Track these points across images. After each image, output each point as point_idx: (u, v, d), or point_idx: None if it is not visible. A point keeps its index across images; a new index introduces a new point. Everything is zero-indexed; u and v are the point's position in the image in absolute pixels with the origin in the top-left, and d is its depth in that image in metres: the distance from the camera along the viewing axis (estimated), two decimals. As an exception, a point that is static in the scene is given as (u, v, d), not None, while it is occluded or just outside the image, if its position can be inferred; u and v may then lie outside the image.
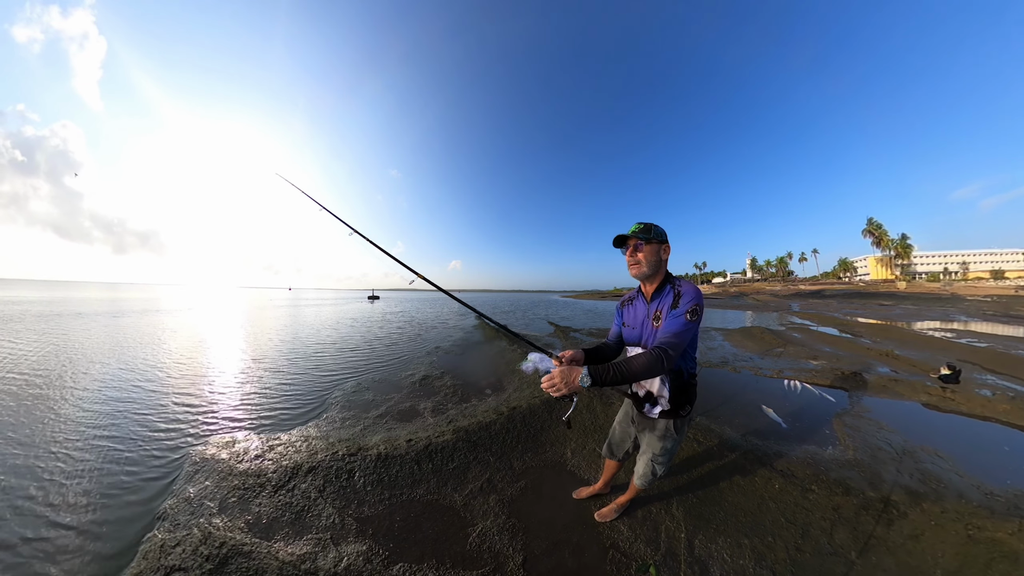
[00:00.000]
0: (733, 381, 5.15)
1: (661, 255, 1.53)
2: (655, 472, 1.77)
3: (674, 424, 1.64)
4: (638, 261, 1.52)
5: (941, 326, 11.89)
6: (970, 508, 2.11)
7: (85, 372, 5.20)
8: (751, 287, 71.33)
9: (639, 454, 1.84)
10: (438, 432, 3.04)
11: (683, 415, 1.63)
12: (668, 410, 1.61)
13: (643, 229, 1.50)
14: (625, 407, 1.97)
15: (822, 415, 3.77)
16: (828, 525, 2.02)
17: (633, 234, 1.52)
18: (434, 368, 5.78)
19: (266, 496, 2.26)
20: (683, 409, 1.61)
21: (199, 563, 1.68)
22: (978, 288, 45.58)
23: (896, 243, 71.56)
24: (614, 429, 2.02)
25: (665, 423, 1.65)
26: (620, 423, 1.98)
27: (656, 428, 1.68)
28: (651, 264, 1.52)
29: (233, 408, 3.91)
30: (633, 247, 1.54)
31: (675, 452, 1.76)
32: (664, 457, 1.72)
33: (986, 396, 4.25)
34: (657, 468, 1.75)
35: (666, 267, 1.57)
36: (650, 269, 1.52)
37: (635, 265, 1.54)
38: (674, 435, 1.66)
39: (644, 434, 1.77)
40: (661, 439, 1.68)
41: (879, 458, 2.79)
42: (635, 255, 1.53)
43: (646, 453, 1.77)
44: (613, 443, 2.01)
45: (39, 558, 1.80)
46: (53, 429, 3.24)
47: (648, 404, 1.66)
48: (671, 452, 1.72)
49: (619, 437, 1.98)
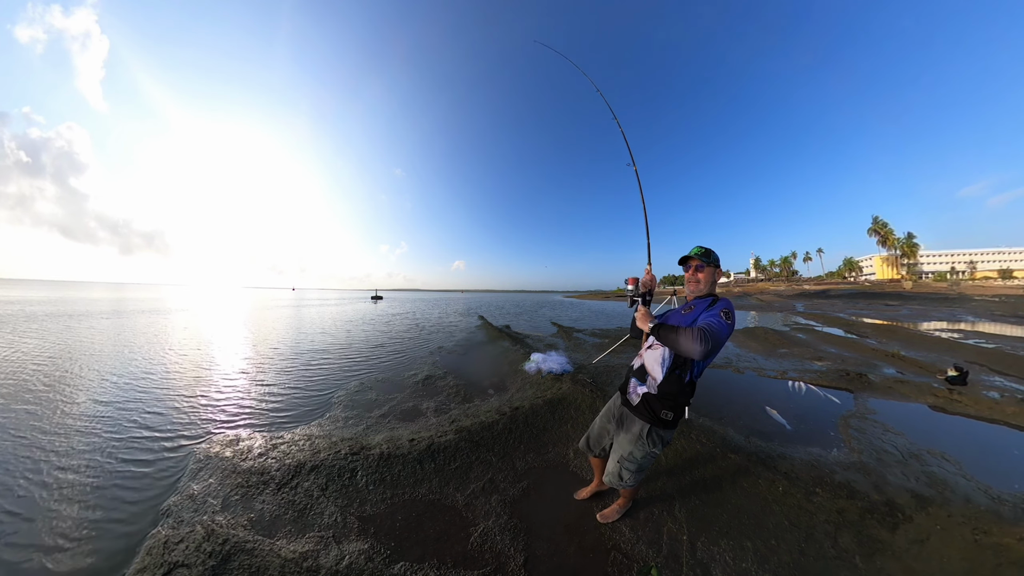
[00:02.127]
0: (737, 382, 5.12)
1: (716, 277, 1.71)
2: (622, 476, 1.77)
3: (648, 432, 1.66)
4: (698, 280, 1.71)
5: (948, 327, 11.76)
6: (977, 512, 2.09)
7: (90, 370, 5.26)
8: (755, 287, 70.90)
9: (611, 451, 1.86)
10: (440, 432, 3.04)
11: (662, 422, 1.64)
12: (651, 397, 1.65)
13: (704, 253, 1.69)
14: (610, 403, 2.00)
15: (827, 417, 3.74)
16: (832, 529, 2.00)
17: (696, 255, 1.70)
18: (437, 368, 5.79)
19: (269, 494, 2.28)
20: (664, 412, 1.62)
21: (202, 560, 1.69)
22: (986, 288, 45.01)
23: (902, 242, 70.79)
24: (594, 423, 2.05)
25: (641, 425, 1.68)
26: (601, 418, 2.01)
27: (632, 429, 1.72)
28: (708, 284, 1.70)
29: (237, 407, 3.94)
30: (695, 268, 1.71)
31: (646, 466, 1.77)
32: (632, 464, 1.73)
33: (994, 398, 4.20)
34: (624, 473, 1.76)
35: (715, 290, 1.74)
36: (706, 288, 1.71)
37: (694, 283, 1.72)
38: (645, 445, 1.68)
39: (619, 433, 1.81)
40: (633, 443, 1.71)
41: (884, 461, 2.77)
42: (696, 275, 1.71)
43: (617, 452, 1.79)
44: (591, 437, 2.04)
45: (44, 553, 1.83)
46: (58, 426, 3.29)
47: (636, 380, 1.73)
48: (641, 463, 1.73)
49: (597, 432, 2.01)
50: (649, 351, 1.73)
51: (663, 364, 1.62)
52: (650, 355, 1.70)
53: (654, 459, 1.77)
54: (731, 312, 1.54)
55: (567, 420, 3.39)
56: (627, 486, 1.81)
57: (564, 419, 3.41)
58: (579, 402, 3.71)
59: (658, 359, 1.65)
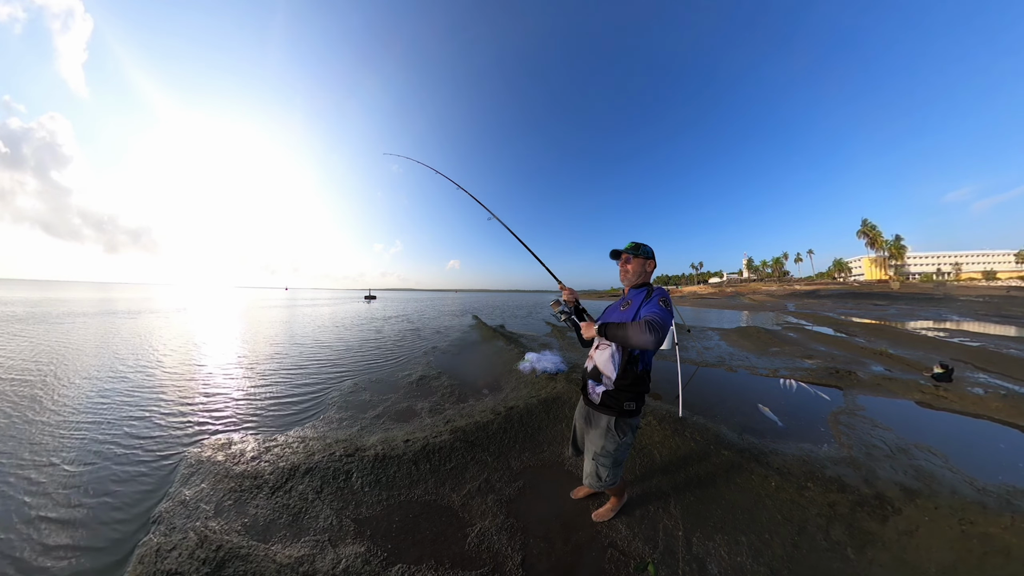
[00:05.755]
0: (730, 380, 5.18)
1: (646, 268, 1.81)
2: (599, 474, 1.78)
3: (615, 423, 1.69)
4: (627, 271, 1.83)
5: (934, 325, 12.03)
6: (963, 504, 2.14)
7: (75, 374, 5.12)
8: (747, 287, 71.76)
9: (585, 450, 1.88)
10: (435, 432, 3.03)
11: (627, 412, 1.68)
12: (611, 394, 1.68)
13: (634, 247, 1.81)
14: (580, 403, 2.00)
15: (817, 413, 3.81)
16: (824, 522, 2.04)
17: (626, 249, 1.83)
18: (431, 368, 5.77)
19: (263, 498, 2.24)
20: (627, 404, 1.67)
21: (196, 567, 1.66)
22: (971, 288, 46.13)
23: (890, 244, 72.30)
24: (575, 426, 2.05)
25: (607, 420, 1.71)
26: (576, 419, 2.02)
27: (599, 424, 1.75)
28: (636, 274, 1.82)
29: (228, 409, 3.88)
30: (624, 259, 1.84)
31: (621, 460, 1.78)
32: (607, 459, 1.75)
33: (978, 394, 4.31)
34: (601, 470, 1.77)
35: (648, 279, 1.84)
36: (635, 278, 1.82)
37: (623, 273, 1.86)
38: (616, 436, 1.70)
39: (589, 430, 1.82)
40: (602, 437, 1.73)
41: (874, 456, 2.82)
42: (625, 266, 1.84)
43: (590, 449, 1.81)
44: (577, 440, 2.04)
45: (32, 565, 1.78)
46: (42, 433, 3.20)
47: (593, 381, 1.76)
48: (614, 456, 1.74)
49: (579, 433, 2.01)
50: (598, 351, 1.77)
51: (614, 361, 1.67)
52: (599, 355, 1.74)
53: (628, 449, 1.78)
54: (668, 300, 1.63)
55: (562, 419, 3.40)
56: (608, 484, 1.81)
57: (559, 418, 3.42)
58: (573, 401, 3.72)
59: (608, 358, 1.69)
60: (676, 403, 3.63)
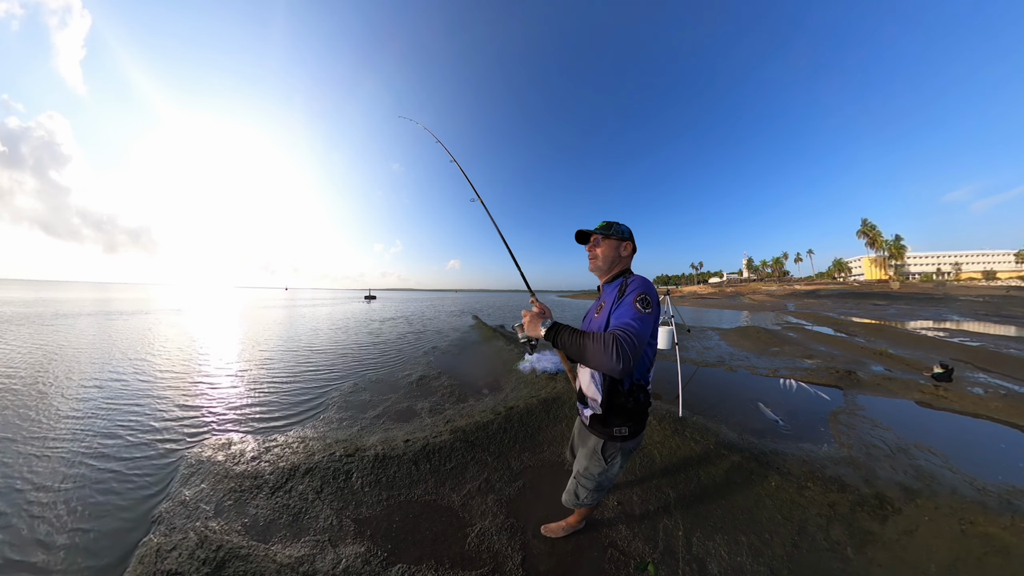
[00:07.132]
0: (730, 380, 5.18)
1: (620, 252, 1.47)
2: (578, 495, 1.62)
3: (603, 447, 1.46)
4: (595, 256, 1.49)
5: (934, 325, 12.03)
6: (963, 503, 2.13)
7: (74, 375, 5.13)
8: (747, 287, 71.77)
9: (574, 465, 1.72)
10: (435, 432, 3.03)
11: (616, 438, 1.43)
12: (599, 417, 1.44)
13: (604, 226, 1.48)
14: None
15: (817, 413, 3.81)
16: (824, 521, 2.04)
17: (596, 230, 1.50)
18: (431, 368, 5.77)
19: (263, 498, 2.25)
20: (617, 429, 1.41)
21: (196, 567, 1.66)
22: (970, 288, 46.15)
23: (890, 244, 72.38)
24: (573, 433, 1.92)
25: (595, 442, 1.48)
26: (574, 428, 1.89)
27: (587, 443, 1.54)
28: (607, 259, 1.47)
29: (228, 409, 3.88)
30: (593, 242, 1.51)
31: (604, 486, 1.58)
32: (588, 481, 1.56)
33: (978, 394, 4.31)
34: (580, 491, 1.61)
35: (625, 265, 1.50)
36: (605, 264, 1.48)
37: (592, 259, 1.52)
38: (601, 460, 1.48)
39: (579, 447, 1.65)
40: (588, 457, 1.53)
41: (874, 455, 2.82)
42: (594, 250, 1.50)
43: (576, 466, 1.65)
44: (574, 447, 1.89)
45: (32, 565, 1.78)
46: (41, 434, 3.20)
47: (581, 404, 1.56)
48: (598, 480, 1.54)
49: (574, 444, 1.87)
50: (581, 369, 1.53)
51: (595, 382, 1.42)
52: (582, 374, 1.51)
53: (613, 479, 1.57)
54: (649, 297, 1.24)
55: (562, 419, 3.40)
56: (583, 505, 1.66)
57: (558, 418, 3.42)
58: (573, 401, 3.70)
59: (588, 378, 1.46)
60: (676, 403, 3.63)
